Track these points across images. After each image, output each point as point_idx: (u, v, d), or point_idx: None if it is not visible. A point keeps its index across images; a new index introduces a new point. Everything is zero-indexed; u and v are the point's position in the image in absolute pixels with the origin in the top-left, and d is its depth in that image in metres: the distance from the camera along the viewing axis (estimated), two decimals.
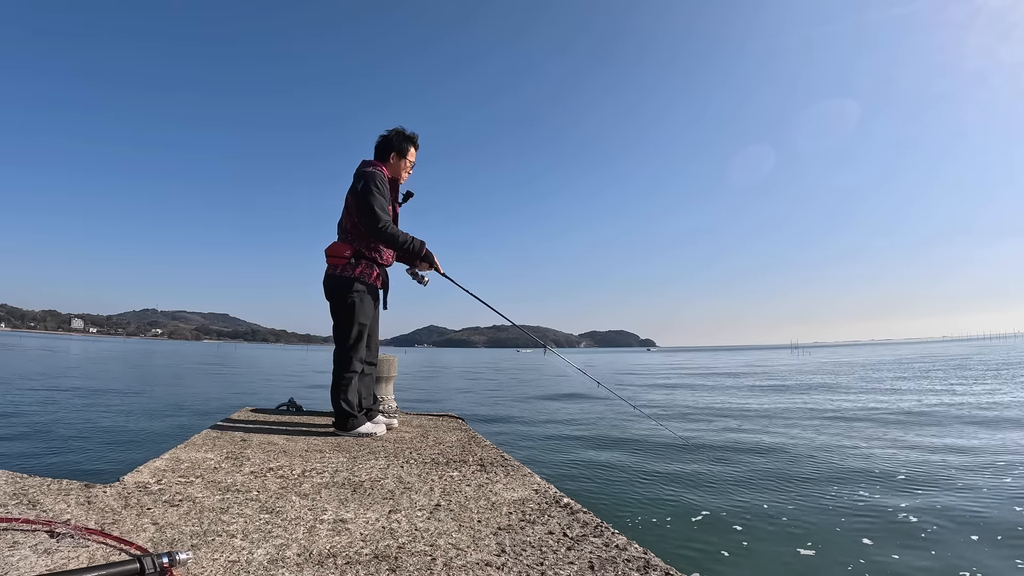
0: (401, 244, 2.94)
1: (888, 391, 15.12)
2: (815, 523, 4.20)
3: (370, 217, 2.86)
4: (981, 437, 7.69)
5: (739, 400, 13.85)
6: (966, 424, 8.88)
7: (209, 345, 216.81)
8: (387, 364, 3.71)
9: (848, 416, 10.21)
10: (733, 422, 9.76)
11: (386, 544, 1.34)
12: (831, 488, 5.17)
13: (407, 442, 2.80)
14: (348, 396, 2.92)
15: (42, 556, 1.19)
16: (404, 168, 3.13)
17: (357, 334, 2.97)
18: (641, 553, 1.33)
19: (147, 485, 1.80)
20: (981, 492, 4.93)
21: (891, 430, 8.48)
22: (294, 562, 1.22)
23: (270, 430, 3.00)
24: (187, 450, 2.37)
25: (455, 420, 3.71)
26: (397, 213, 3.17)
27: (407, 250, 2.98)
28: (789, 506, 4.62)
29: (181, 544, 1.30)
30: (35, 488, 1.70)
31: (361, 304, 2.96)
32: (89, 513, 1.50)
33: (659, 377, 24.49)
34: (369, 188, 2.89)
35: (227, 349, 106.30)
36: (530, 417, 10.81)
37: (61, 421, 8.90)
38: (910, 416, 9.96)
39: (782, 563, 3.52)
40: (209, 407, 11.45)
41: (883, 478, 5.52)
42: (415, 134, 3.14)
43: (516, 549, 1.34)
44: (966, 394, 13.57)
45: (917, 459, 6.39)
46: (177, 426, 8.76)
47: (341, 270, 2.97)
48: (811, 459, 6.49)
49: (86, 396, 12.68)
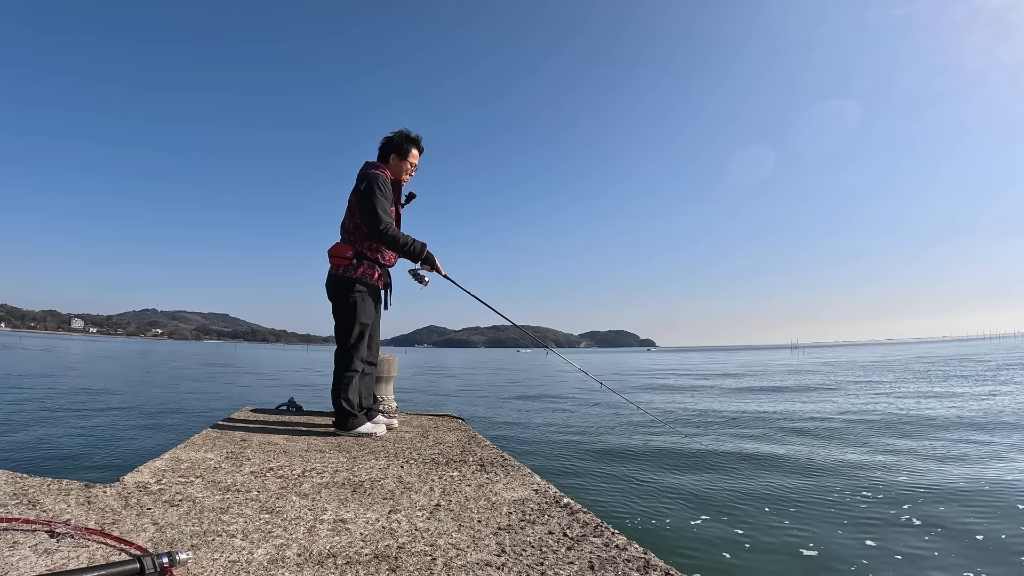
0: (402, 246, 2.96)
1: (887, 393, 15.12)
2: (817, 524, 4.20)
3: (372, 219, 2.88)
4: (983, 439, 7.69)
5: (739, 401, 13.85)
6: (966, 426, 8.87)
7: (209, 345, 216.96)
8: (387, 364, 3.71)
9: (848, 416, 10.21)
10: (733, 423, 9.76)
11: (386, 544, 1.34)
12: (832, 489, 5.17)
13: (407, 442, 2.80)
14: (348, 395, 2.92)
15: (42, 556, 1.19)
16: (406, 169, 3.14)
17: (358, 334, 2.98)
18: (641, 553, 1.34)
19: (147, 485, 1.80)
20: (983, 494, 4.93)
21: (892, 431, 8.48)
22: (294, 562, 1.22)
23: (270, 430, 3.00)
24: (187, 450, 2.37)
25: (455, 420, 3.72)
26: (400, 214, 3.18)
27: (408, 252, 2.99)
28: (791, 508, 4.62)
29: (181, 544, 1.30)
30: (35, 488, 1.70)
31: (363, 304, 2.97)
32: (89, 513, 1.50)
33: (659, 377, 24.49)
34: (372, 190, 2.90)
35: (227, 349, 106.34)
36: (530, 417, 10.82)
37: (61, 421, 8.90)
38: (911, 417, 9.96)
39: (783, 564, 3.52)
40: (209, 407, 11.45)
41: (884, 477, 5.52)
42: (419, 136, 3.14)
43: (516, 549, 1.34)
44: (966, 396, 13.57)
45: (918, 459, 6.39)
46: (177, 426, 8.76)
47: (343, 271, 2.98)
48: (811, 459, 6.48)
49: (86, 396, 12.69)
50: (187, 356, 48.94)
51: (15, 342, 68.40)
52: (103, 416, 9.68)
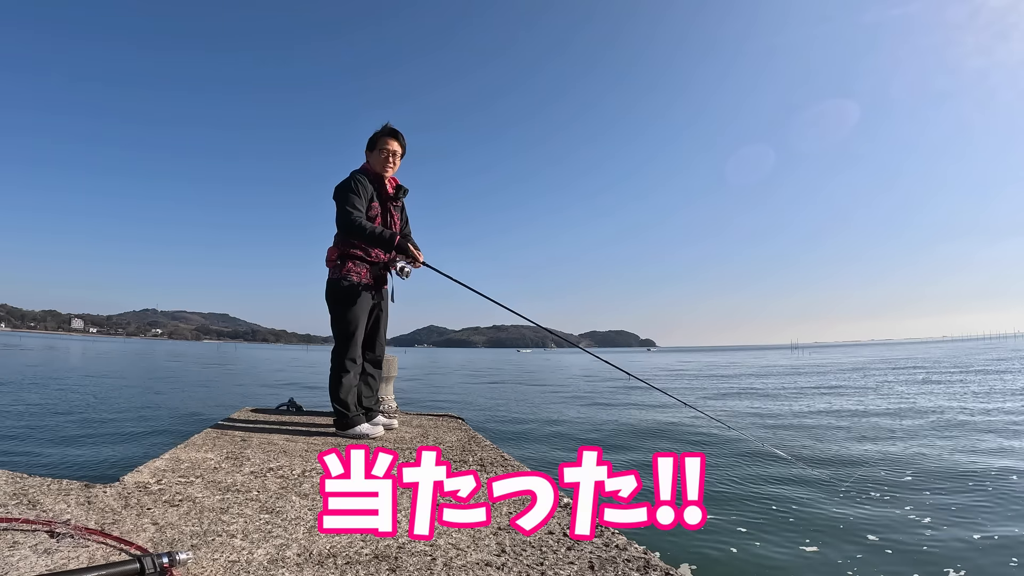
0: (369, 236, 2.89)
1: (887, 394, 15.13)
2: (817, 520, 4.20)
3: (340, 216, 2.90)
4: (983, 438, 7.69)
5: (738, 400, 13.85)
6: (967, 426, 8.87)
7: (209, 345, 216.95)
8: (387, 364, 3.71)
9: (848, 415, 10.21)
10: (733, 423, 9.76)
11: (386, 544, 1.34)
12: (832, 485, 5.17)
13: (407, 442, 2.80)
14: (340, 395, 2.93)
15: (42, 556, 1.19)
16: (383, 159, 3.05)
17: (348, 334, 2.98)
18: (641, 553, 1.34)
19: (147, 485, 1.80)
20: (984, 493, 4.93)
21: (891, 430, 8.48)
22: (294, 562, 1.22)
23: (270, 430, 3.00)
24: (187, 450, 2.37)
25: (455, 420, 3.72)
26: (390, 209, 3.12)
27: (378, 241, 2.93)
28: (792, 505, 4.62)
29: (181, 544, 1.30)
30: (35, 488, 1.70)
31: (348, 304, 2.96)
32: (89, 513, 1.50)
33: (659, 377, 24.49)
34: (340, 187, 2.95)
35: (227, 349, 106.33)
36: (530, 417, 10.81)
37: (61, 421, 8.90)
38: (910, 416, 9.96)
39: (784, 561, 3.51)
40: (209, 407, 11.44)
41: (885, 474, 5.52)
42: (387, 124, 3.09)
43: (516, 549, 1.34)
44: (966, 395, 13.58)
45: (918, 457, 6.39)
46: (177, 426, 8.76)
47: (332, 272, 3.02)
48: (811, 458, 6.48)
49: (86, 396, 12.68)
50: (187, 356, 48.93)
51: (15, 342, 68.40)
52: (103, 416, 9.67)
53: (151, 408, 11.08)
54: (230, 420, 3.33)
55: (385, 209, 3.11)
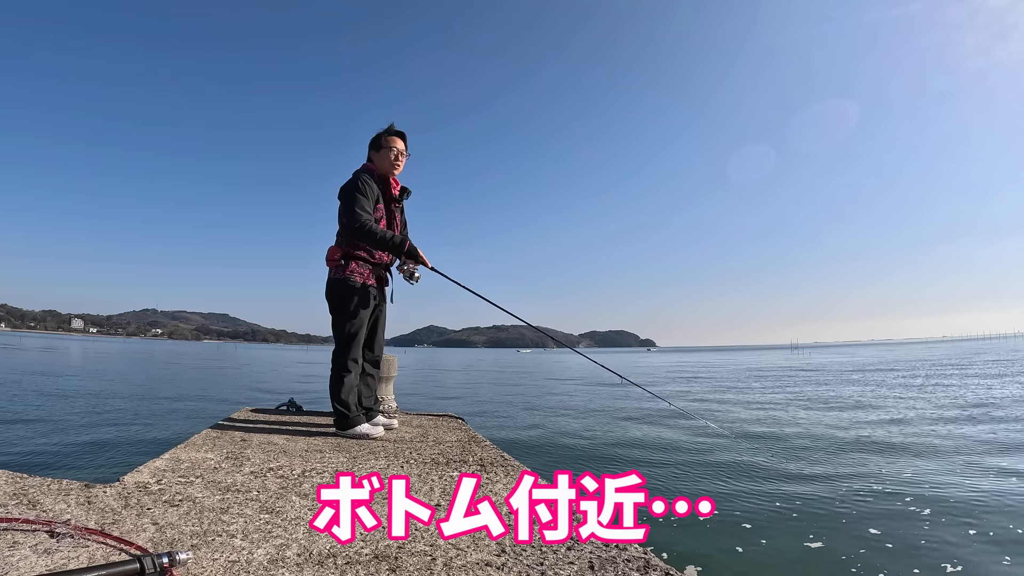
0: (379, 240, 2.88)
1: (887, 394, 15.12)
2: (820, 517, 4.20)
3: (348, 218, 2.87)
4: (985, 437, 7.69)
5: (738, 399, 13.85)
6: (966, 425, 8.87)
7: (209, 345, 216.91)
8: (387, 364, 3.71)
9: (848, 416, 10.21)
10: (733, 422, 9.76)
11: (386, 544, 1.34)
12: (835, 481, 5.18)
13: (407, 442, 2.80)
14: (341, 396, 2.92)
15: (42, 556, 1.19)
16: (390, 159, 3.04)
17: (350, 335, 2.97)
18: (641, 553, 1.34)
19: (147, 485, 1.80)
20: (984, 492, 4.93)
21: (891, 430, 8.48)
22: (294, 562, 1.22)
23: (270, 430, 3.00)
24: (187, 450, 2.37)
25: (455, 420, 3.71)
26: (393, 211, 3.11)
27: (388, 246, 2.91)
28: (796, 501, 4.62)
29: (181, 544, 1.30)
30: (35, 488, 1.70)
31: (352, 305, 2.95)
32: (89, 513, 1.50)
33: (660, 379, 24.48)
34: (347, 187, 2.92)
35: (227, 349, 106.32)
36: (530, 417, 10.82)
37: (61, 421, 8.90)
38: (911, 415, 9.95)
39: (787, 559, 3.51)
40: (209, 407, 11.45)
41: (886, 471, 5.52)
42: (391, 125, 3.08)
43: (516, 549, 1.34)
44: (966, 395, 13.57)
45: (919, 454, 6.39)
46: (177, 426, 8.76)
47: (334, 272, 2.99)
48: (811, 456, 6.48)
49: (86, 396, 12.68)
50: (187, 356, 48.93)
51: (15, 342, 68.40)
52: (103, 416, 9.67)
53: (151, 408, 11.08)
54: (230, 420, 3.32)
55: (389, 211, 3.09)
